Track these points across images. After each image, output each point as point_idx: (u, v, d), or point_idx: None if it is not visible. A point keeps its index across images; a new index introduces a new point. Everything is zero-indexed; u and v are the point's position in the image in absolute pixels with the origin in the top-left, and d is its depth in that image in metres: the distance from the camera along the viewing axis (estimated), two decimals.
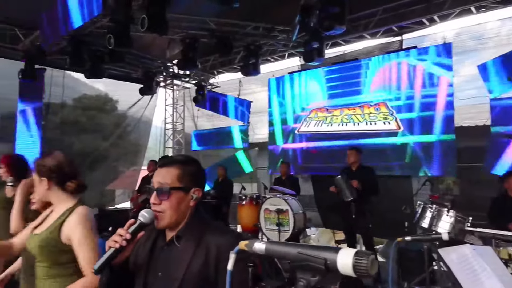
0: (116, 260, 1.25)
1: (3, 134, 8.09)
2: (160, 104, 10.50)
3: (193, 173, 1.38)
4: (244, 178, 8.73)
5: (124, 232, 1.24)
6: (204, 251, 1.28)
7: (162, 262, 1.33)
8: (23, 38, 7.14)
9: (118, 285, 1.34)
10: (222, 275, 1.23)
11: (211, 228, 1.34)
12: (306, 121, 7.99)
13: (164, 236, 1.37)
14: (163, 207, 1.31)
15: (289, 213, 5.73)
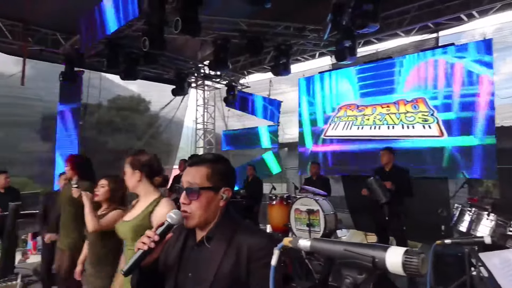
0: (145, 261, 1.23)
1: (45, 133, 8.53)
2: (191, 104, 10.72)
3: (222, 172, 1.34)
4: (273, 178, 8.74)
5: (152, 233, 1.23)
6: (235, 251, 1.25)
7: (193, 262, 1.30)
8: (64, 42, 7.49)
9: (149, 285, 1.32)
10: (253, 275, 1.22)
11: (242, 228, 1.31)
12: (334, 122, 7.78)
13: (194, 236, 1.35)
14: (192, 207, 1.29)
15: (320, 213, 5.69)
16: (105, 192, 2.81)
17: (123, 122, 10.11)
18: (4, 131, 7.83)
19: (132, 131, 10.17)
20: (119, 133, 9.83)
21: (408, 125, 6.63)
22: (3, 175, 5.66)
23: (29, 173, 8.22)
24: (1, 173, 5.69)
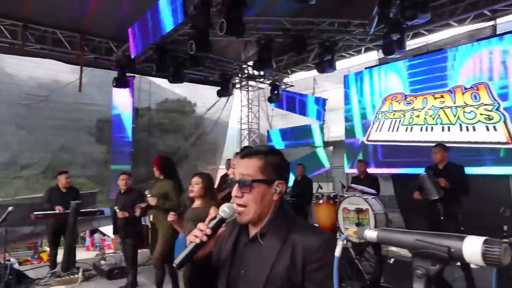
0: (198, 255, 1.20)
1: (100, 136, 9.04)
2: (236, 105, 10.87)
3: (276, 164, 1.27)
4: (319, 177, 8.63)
5: (204, 227, 1.20)
6: (290, 251, 1.18)
7: (245, 259, 1.26)
8: (116, 50, 7.92)
9: (201, 279, 1.29)
10: (309, 278, 1.16)
11: (297, 226, 1.24)
12: (377, 120, 7.40)
13: (248, 231, 1.29)
14: (245, 200, 1.23)
15: (370, 212, 5.53)
16: (199, 188, 3.14)
17: (171, 124, 10.44)
18: (65, 136, 8.36)
19: (179, 133, 10.49)
20: (167, 134, 10.17)
21: (468, 125, 6.00)
22: (64, 175, 6.08)
23: (87, 174, 8.72)
24: (62, 174, 6.12)
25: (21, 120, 7.73)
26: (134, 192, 5.20)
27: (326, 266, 1.13)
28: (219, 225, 1.21)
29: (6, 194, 7.60)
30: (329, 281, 1.13)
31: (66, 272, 5.73)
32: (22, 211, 7.05)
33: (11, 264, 5.37)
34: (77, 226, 5.88)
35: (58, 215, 5.75)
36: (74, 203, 5.71)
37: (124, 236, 5.18)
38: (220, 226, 1.22)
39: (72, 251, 6.03)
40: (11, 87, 7.51)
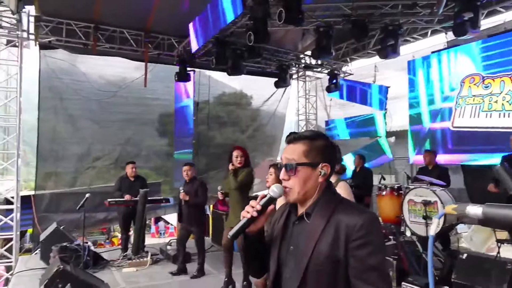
0: (250, 229, 1.33)
1: (163, 130, 9.49)
2: (293, 96, 10.79)
3: (320, 148, 1.35)
4: (382, 168, 8.30)
5: (255, 203, 1.32)
6: (333, 229, 1.25)
7: (294, 237, 1.35)
8: (177, 45, 8.23)
9: (254, 251, 1.43)
10: (351, 254, 1.21)
11: (342, 206, 1.30)
12: (459, 106, 6.86)
13: (296, 211, 1.39)
14: (291, 183, 1.33)
15: (438, 205, 5.20)
16: (273, 179, 3.29)
17: (229, 117, 10.64)
18: (132, 130, 8.89)
19: (236, 125, 10.66)
20: (225, 127, 10.39)
21: None
22: (130, 165, 6.50)
23: (151, 165, 9.21)
24: (129, 164, 6.55)
25: (94, 115, 8.36)
26: (196, 182, 5.42)
27: (369, 243, 1.21)
28: (268, 203, 1.33)
29: (81, 183, 8.28)
30: (371, 258, 1.21)
31: (136, 255, 6.13)
32: (96, 198, 7.65)
33: (88, 246, 5.86)
34: (146, 212, 6.24)
35: (128, 202, 6.17)
36: (143, 191, 6.08)
37: (189, 224, 5.40)
38: (269, 204, 1.33)
39: (141, 236, 6.43)
40: (85, 85, 8.13)
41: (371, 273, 1.19)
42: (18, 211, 6.80)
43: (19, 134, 6.88)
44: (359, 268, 1.20)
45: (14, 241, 6.65)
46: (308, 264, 1.25)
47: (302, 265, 1.26)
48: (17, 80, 6.94)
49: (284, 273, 1.35)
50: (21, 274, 5.58)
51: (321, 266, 1.23)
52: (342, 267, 1.22)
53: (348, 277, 1.22)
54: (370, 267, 1.19)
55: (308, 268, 1.25)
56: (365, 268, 1.19)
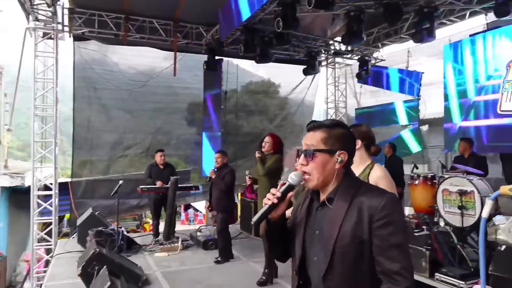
0: (272, 215, 1.41)
1: (191, 118, 9.60)
2: (321, 83, 10.60)
3: (338, 136, 1.40)
4: (414, 158, 8.04)
5: (275, 191, 1.39)
6: (356, 211, 1.31)
7: (318, 221, 1.41)
8: (205, 34, 8.25)
9: (276, 236, 1.51)
10: (375, 235, 1.27)
11: (363, 190, 1.37)
12: (506, 90, 6.40)
13: (319, 197, 1.44)
14: (309, 168, 1.39)
15: (475, 195, 4.99)
16: None
17: (256, 106, 10.63)
18: (162, 119, 9.06)
19: (264, 114, 10.63)
20: (252, 116, 10.39)
21: None
22: (159, 153, 6.64)
23: (180, 154, 9.36)
24: (158, 152, 6.69)
25: (126, 104, 8.57)
26: (226, 168, 5.46)
27: (391, 223, 1.27)
28: (288, 190, 1.40)
29: (114, 171, 8.55)
30: (394, 237, 1.27)
31: (167, 240, 6.29)
32: (128, 185, 7.88)
33: (122, 231, 6.07)
34: (176, 199, 6.38)
35: (159, 189, 6.32)
36: (173, 178, 6.20)
37: (215, 209, 5.47)
38: (289, 191, 1.40)
39: (172, 222, 6.59)
40: (116, 75, 8.34)
41: (394, 251, 1.26)
42: (56, 197, 7.12)
43: (56, 123, 7.16)
44: (383, 246, 1.26)
45: (53, 225, 6.98)
46: (335, 247, 1.30)
47: (328, 248, 1.32)
48: (53, 71, 7.19)
49: (310, 257, 1.41)
50: (60, 256, 5.86)
51: (346, 248, 1.30)
52: (366, 247, 1.28)
53: (372, 256, 1.29)
54: (393, 245, 1.25)
55: (335, 251, 1.30)
56: (388, 246, 1.25)
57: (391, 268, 1.25)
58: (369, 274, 1.30)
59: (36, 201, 6.94)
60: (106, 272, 3.32)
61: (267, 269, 4.52)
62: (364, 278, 1.31)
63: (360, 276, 1.30)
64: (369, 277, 1.30)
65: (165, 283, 4.61)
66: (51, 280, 4.77)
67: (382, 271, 1.27)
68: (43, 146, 7.42)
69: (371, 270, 1.29)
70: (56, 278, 4.82)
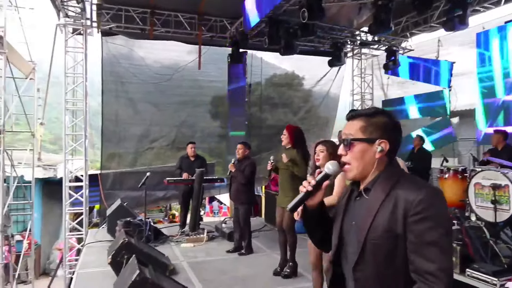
0: (308, 203, 1.41)
1: (216, 111, 9.66)
2: (347, 75, 10.41)
3: (379, 125, 1.34)
4: (444, 150, 7.79)
5: (310, 179, 1.39)
6: (392, 204, 1.25)
7: (355, 212, 1.38)
8: (229, 27, 8.24)
9: (313, 224, 1.51)
10: (410, 230, 1.20)
11: (402, 181, 1.29)
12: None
13: (358, 187, 1.41)
14: (348, 158, 1.36)
15: (510, 189, 4.79)
16: (324, 156, 3.19)
17: (280, 99, 10.57)
18: (186, 112, 9.16)
19: (288, 107, 10.56)
20: (276, 109, 10.34)
21: None
22: (190, 145, 6.72)
23: (205, 147, 9.44)
24: (189, 144, 6.77)
25: (152, 98, 8.72)
26: (247, 161, 5.40)
27: (428, 218, 1.18)
28: (323, 180, 1.39)
29: (141, 163, 8.73)
30: (430, 233, 1.18)
31: (193, 231, 6.39)
32: (155, 178, 8.03)
33: (150, 221, 6.20)
34: (202, 190, 6.45)
35: (185, 181, 6.41)
36: (199, 170, 6.28)
37: (235, 201, 5.46)
38: (324, 180, 1.39)
39: (198, 213, 6.68)
40: (143, 69, 8.48)
41: (430, 249, 1.17)
42: (87, 188, 7.35)
43: (85, 117, 7.37)
44: (417, 243, 1.18)
45: (84, 216, 7.22)
46: (366, 238, 1.27)
47: (360, 239, 1.29)
48: (82, 66, 7.39)
49: (346, 247, 1.39)
50: (90, 245, 6.07)
51: (378, 241, 1.25)
52: (400, 242, 1.22)
53: (406, 253, 1.22)
54: (429, 243, 1.17)
55: (366, 242, 1.27)
56: (423, 243, 1.17)
57: (424, 267, 1.17)
58: (403, 271, 1.22)
59: (67, 192, 7.19)
60: (135, 261, 3.40)
61: (291, 262, 4.51)
62: (396, 275, 1.24)
63: (392, 272, 1.24)
64: (402, 275, 1.23)
65: (191, 273, 4.69)
66: (83, 268, 4.94)
67: (415, 270, 1.19)
68: (73, 139, 7.67)
69: (404, 268, 1.22)
70: (87, 266, 5.00)
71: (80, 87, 7.48)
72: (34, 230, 8.40)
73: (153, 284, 3.15)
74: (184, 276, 4.58)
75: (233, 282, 4.38)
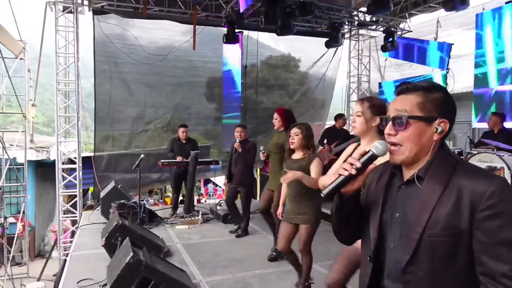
0: (346, 189, 1.21)
1: (211, 94, 9.53)
2: (344, 57, 10.28)
3: (439, 101, 1.16)
4: None
5: (354, 161, 1.18)
6: (454, 196, 1.08)
7: (400, 203, 1.19)
8: (225, 6, 8.04)
9: (347, 214, 1.30)
10: (479, 227, 1.05)
11: (462, 169, 1.12)
12: None
13: (401, 174, 1.22)
14: (399, 138, 1.16)
15: (505, 171, 4.82)
16: (299, 139, 3.14)
17: (276, 81, 10.44)
18: (182, 94, 9.03)
19: (284, 89, 10.44)
20: (272, 91, 10.23)
21: None
22: (182, 128, 6.62)
23: (200, 129, 9.36)
24: (181, 127, 6.67)
25: (146, 79, 8.56)
26: (249, 143, 5.36)
27: (500, 214, 1.03)
28: (369, 161, 1.19)
29: (136, 146, 8.64)
30: (503, 231, 1.04)
31: (188, 214, 6.37)
32: (150, 160, 7.98)
33: (144, 204, 6.17)
34: (196, 173, 6.41)
35: (180, 163, 6.35)
36: (193, 152, 6.21)
37: (237, 184, 5.42)
38: (370, 163, 1.19)
39: (192, 195, 6.66)
40: (137, 49, 8.27)
41: (502, 248, 1.03)
42: (80, 170, 7.28)
43: (78, 97, 7.23)
44: (488, 242, 1.04)
45: (78, 198, 7.18)
46: (422, 235, 1.10)
47: (414, 236, 1.12)
48: (74, 45, 7.20)
49: (387, 242, 1.22)
50: (85, 227, 6.04)
51: (437, 238, 1.09)
52: (464, 240, 1.07)
53: (471, 253, 1.07)
54: (502, 242, 1.03)
55: (422, 240, 1.10)
56: (496, 243, 1.03)
57: (497, 269, 1.02)
58: (464, 273, 1.09)
59: (61, 174, 7.12)
60: (128, 243, 3.36)
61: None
62: (456, 277, 1.09)
63: (451, 274, 1.09)
64: (462, 277, 1.09)
65: (186, 255, 4.68)
66: (77, 250, 4.92)
67: (485, 272, 1.05)
68: (66, 121, 7.54)
69: (466, 270, 1.08)
70: (81, 248, 4.98)
71: (72, 67, 7.31)
72: (28, 212, 8.36)
73: (147, 266, 3.12)
74: (178, 257, 4.58)
75: (228, 263, 4.38)
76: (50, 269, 8.04)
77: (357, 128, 2.22)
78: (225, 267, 4.27)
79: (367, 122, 2.18)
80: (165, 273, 3.21)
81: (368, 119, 2.18)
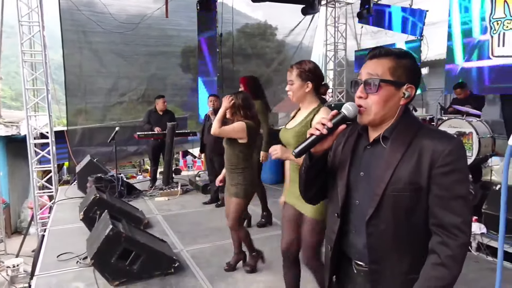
0: (316, 149, 1.26)
1: (186, 63, 9.31)
2: (320, 25, 10.16)
3: (408, 67, 1.22)
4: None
5: (326, 121, 1.22)
6: (416, 155, 1.15)
7: (366, 162, 1.26)
8: None
9: (315, 174, 1.35)
10: (436, 182, 1.13)
11: (423, 131, 1.19)
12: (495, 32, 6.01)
13: (367, 135, 1.29)
14: (369, 102, 1.22)
15: (474, 136, 5.02)
16: None
17: (253, 50, 10.28)
18: (156, 64, 8.78)
19: (261, 58, 10.32)
20: (249, 60, 10.09)
21: None
22: (161, 99, 6.49)
23: (177, 100, 9.20)
24: (159, 98, 6.54)
25: (118, 48, 8.24)
26: None
27: (456, 171, 1.13)
28: (340, 122, 1.23)
29: (111, 118, 8.45)
30: (457, 187, 1.13)
31: (167, 185, 6.38)
32: (126, 132, 7.85)
33: (122, 177, 6.12)
34: (174, 145, 6.36)
35: (157, 135, 6.28)
36: (170, 124, 6.14)
37: (211, 152, 5.39)
38: (341, 124, 1.23)
39: (170, 167, 6.64)
40: (106, 17, 7.91)
41: (456, 202, 1.12)
42: (53, 144, 7.07)
43: (46, 69, 6.90)
44: (445, 196, 1.13)
45: (52, 173, 7.01)
46: (385, 191, 1.17)
47: (378, 191, 1.19)
48: (38, 13, 6.79)
49: (352, 199, 1.29)
50: (62, 202, 5.97)
51: (400, 193, 1.16)
52: (423, 195, 1.15)
53: (427, 207, 1.16)
54: (457, 196, 1.12)
55: (385, 195, 1.18)
56: (452, 197, 1.12)
57: (450, 221, 1.11)
58: (421, 225, 1.18)
59: (33, 149, 6.91)
60: (107, 216, 3.36)
61: (265, 211, 4.64)
62: (414, 229, 1.18)
63: (410, 227, 1.18)
64: (419, 229, 1.18)
65: (166, 225, 4.73)
66: (55, 225, 4.88)
67: (438, 223, 1.14)
68: (35, 94, 7.22)
69: (424, 222, 1.17)
70: (59, 223, 4.93)
71: (38, 37, 6.92)
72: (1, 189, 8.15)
73: (127, 237, 3.14)
74: (159, 228, 4.62)
75: (209, 232, 4.46)
76: (29, 245, 7.96)
77: (293, 96, 2.24)
78: (205, 236, 4.35)
79: (299, 89, 2.20)
80: (145, 243, 3.25)
81: (299, 86, 2.19)
